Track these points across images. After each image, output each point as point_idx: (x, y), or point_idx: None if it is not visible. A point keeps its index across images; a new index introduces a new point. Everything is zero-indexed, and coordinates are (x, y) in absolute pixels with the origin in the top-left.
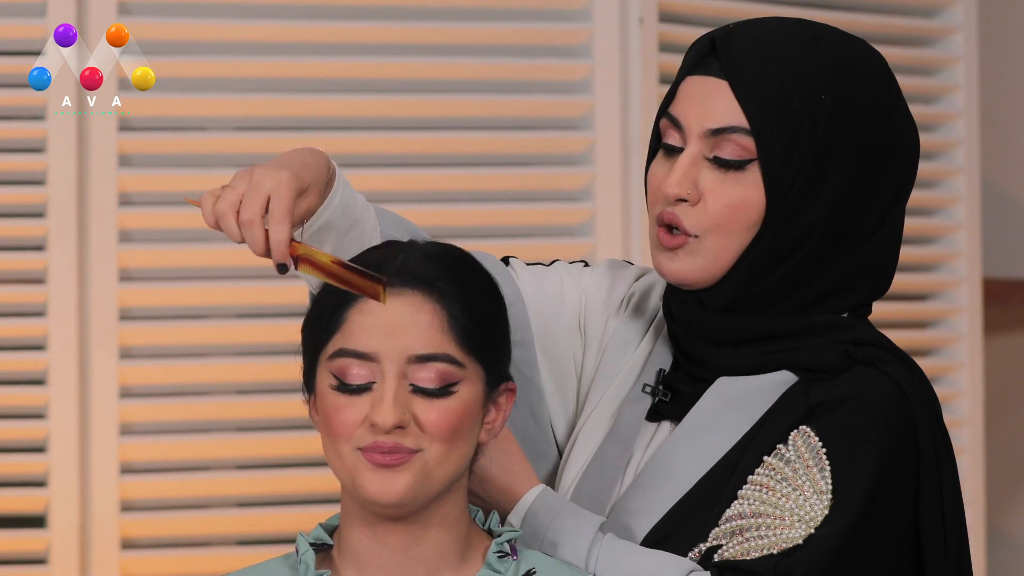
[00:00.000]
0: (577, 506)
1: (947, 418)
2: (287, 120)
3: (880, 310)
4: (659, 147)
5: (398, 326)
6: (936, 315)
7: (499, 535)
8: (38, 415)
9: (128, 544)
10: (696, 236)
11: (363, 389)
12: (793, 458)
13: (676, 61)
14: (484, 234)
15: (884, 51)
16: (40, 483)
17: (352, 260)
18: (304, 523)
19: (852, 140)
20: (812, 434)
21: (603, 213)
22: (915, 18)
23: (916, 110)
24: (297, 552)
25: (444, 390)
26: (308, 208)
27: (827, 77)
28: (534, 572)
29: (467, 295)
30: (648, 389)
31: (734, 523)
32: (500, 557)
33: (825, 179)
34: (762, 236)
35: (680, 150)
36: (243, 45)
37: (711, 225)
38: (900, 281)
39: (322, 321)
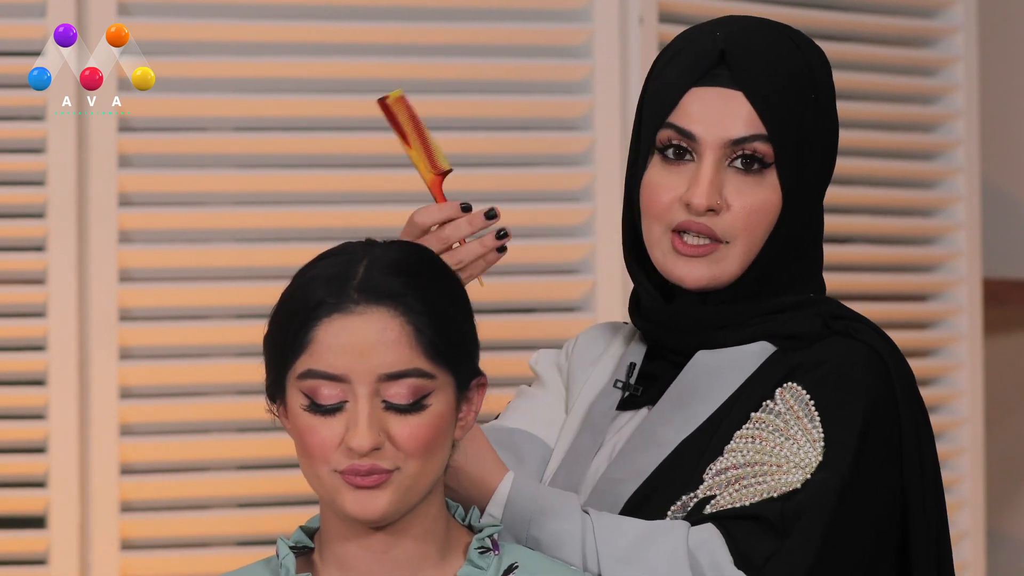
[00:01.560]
0: (550, 487)
1: (947, 418)
2: (287, 120)
3: (880, 310)
4: (651, 154)
5: (366, 345)
6: (936, 315)
7: (480, 530)
8: (38, 416)
9: (128, 545)
10: (726, 242)
11: (335, 409)
12: (783, 410)
13: None
14: None
15: (884, 51)
16: (40, 484)
17: (311, 264)
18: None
19: (828, 136)
20: (799, 388)
21: (603, 213)
22: (915, 18)
23: (916, 110)
24: (277, 555)
25: (417, 404)
26: None
27: (810, 77)
28: (516, 566)
29: (432, 305)
30: (620, 384)
31: (729, 474)
32: (482, 553)
33: (820, 174)
34: (778, 235)
35: (689, 159)
36: (243, 45)
37: (739, 230)
38: (900, 281)
39: (288, 339)
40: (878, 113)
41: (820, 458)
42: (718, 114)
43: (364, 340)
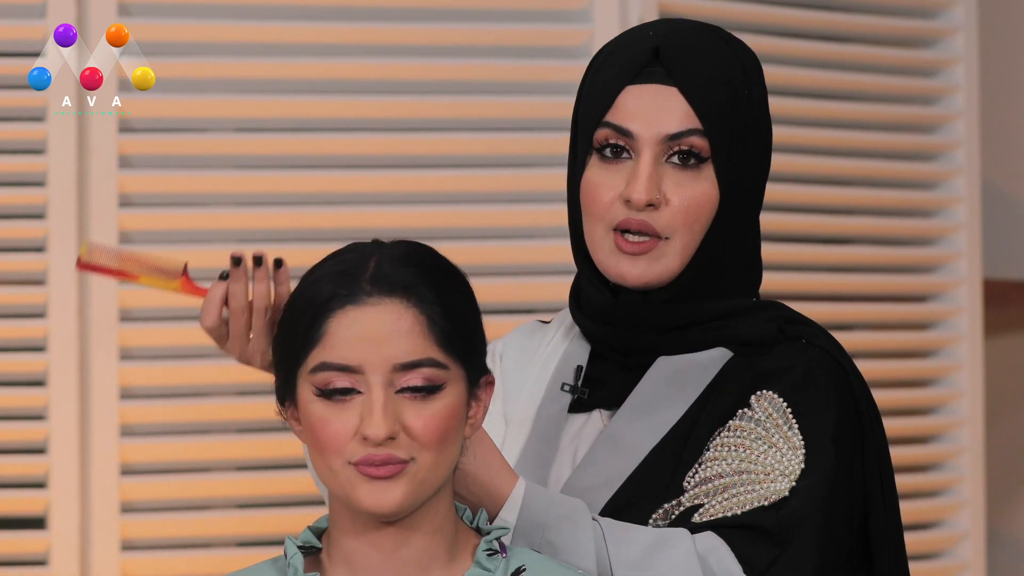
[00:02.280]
0: (561, 494)
1: (947, 419)
2: (287, 121)
3: (881, 311)
4: (589, 154)
5: (380, 335)
6: (936, 316)
7: (488, 533)
8: (38, 416)
9: (128, 545)
10: (666, 238)
11: (348, 393)
12: (763, 418)
13: None
14: (484, 235)
15: (884, 52)
16: (40, 484)
17: (321, 264)
18: (304, 524)
19: (763, 132)
20: (775, 395)
21: None
22: (915, 19)
23: (916, 111)
24: (285, 555)
25: (431, 394)
26: None
27: (742, 75)
28: (523, 569)
29: (443, 296)
30: (567, 387)
31: (716, 482)
32: (490, 555)
33: (758, 168)
34: (716, 230)
35: (627, 157)
36: (243, 46)
37: (679, 225)
38: (900, 282)
39: (299, 335)
40: (878, 114)
41: (802, 465)
42: (654, 110)
43: (378, 330)
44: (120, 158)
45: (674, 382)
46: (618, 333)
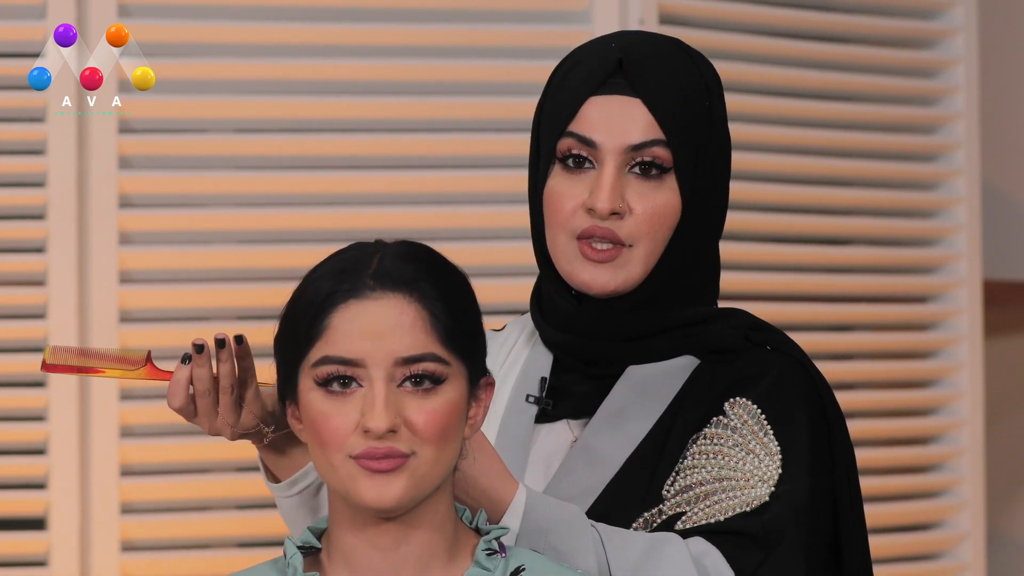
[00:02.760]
0: (559, 500)
1: (947, 420)
2: (287, 122)
3: (880, 312)
4: (552, 163)
5: (382, 329)
6: (936, 317)
7: (487, 533)
8: (38, 417)
9: (128, 546)
10: (630, 246)
11: (351, 382)
12: (738, 425)
13: None
14: (484, 236)
15: (884, 53)
16: (40, 485)
17: (324, 262)
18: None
19: (722, 144)
20: (749, 402)
21: None
22: (915, 20)
23: (916, 112)
24: (285, 556)
25: (432, 390)
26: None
27: (705, 88)
28: (523, 569)
29: (446, 293)
30: (532, 399)
31: (696, 490)
32: (489, 555)
33: (719, 181)
34: (678, 239)
35: (589, 167)
36: (243, 47)
37: (641, 233)
38: (900, 283)
39: (301, 330)
40: (878, 115)
41: (780, 471)
42: (617, 121)
43: (380, 324)
44: (120, 159)
45: (644, 391)
46: (581, 342)
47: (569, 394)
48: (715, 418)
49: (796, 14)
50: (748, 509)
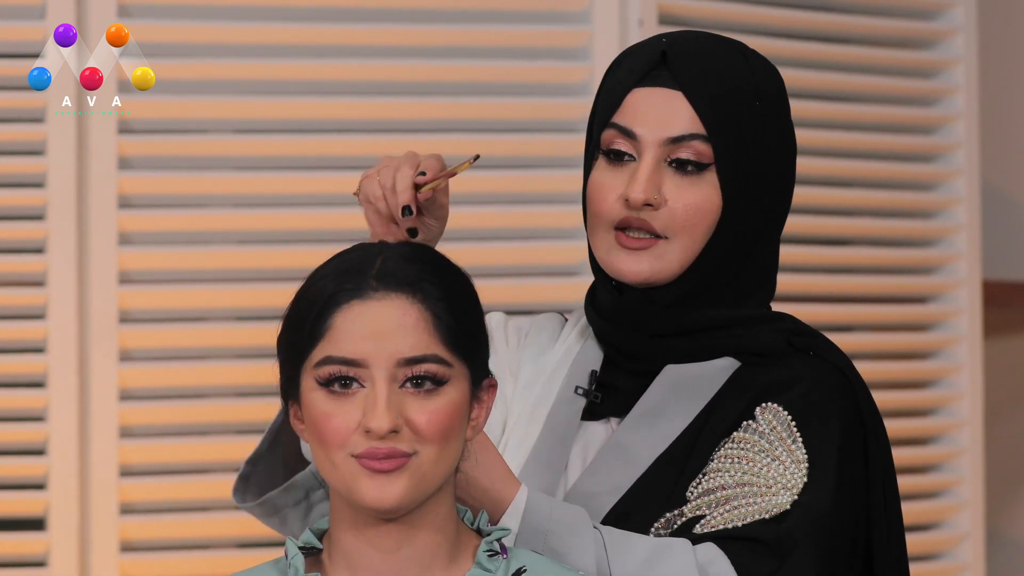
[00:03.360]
0: (562, 502)
1: (947, 420)
2: (287, 122)
3: (880, 312)
4: (599, 155)
5: (385, 330)
6: (936, 317)
7: (488, 534)
8: (38, 417)
9: (128, 547)
10: (666, 238)
11: (352, 382)
12: (767, 431)
13: None
14: (484, 236)
15: (884, 53)
16: (40, 486)
17: (327, 262)
18: None
19: (777, 145)
20: (780, 408)
21: None
22: (915, 20)
23: (916, 112)
24: (286, 556)
25: (434, 391)
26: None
27: (758, 88)
28: (524, 570)
29: (449, 294)
30: (580, 391)
31: (718, 494)
32: (490, 556)
33: (765, 179)
34: (718, 236)
35: (631, 158)
36: (243, 47)
37: (678, 227)
38: (900, 283)
39: (304, 330)
40: (878, 115)
41: (805, 479)
42: (658, 113)
43: (383, 325)
44: (120, 159)
45: (681, 391)
46: (623, 334)
47: (615, 390)
48: (745, 422)
49: (796, 14)
50: (767, 516)
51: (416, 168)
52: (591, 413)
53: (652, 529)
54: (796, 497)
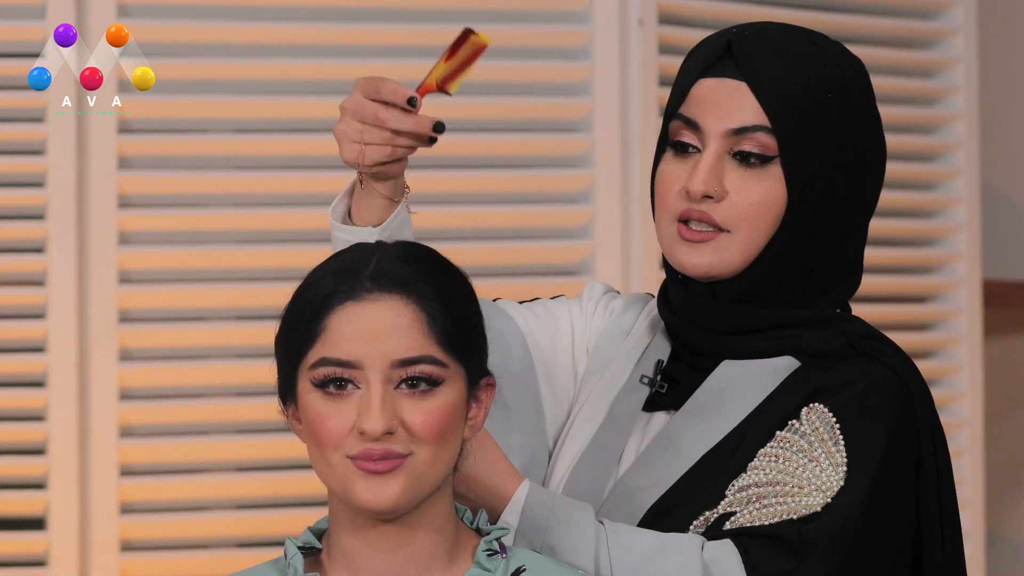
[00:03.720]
0: (564, 496)
1: (947, 420)
2: (286, 122)
3: (880, 312)
4: (667, 147)
5: (379, 331)
6: (936, 317)
7: (488, 533)
8: (38, 417)
9: (128, 546)
10: (727, 231)
11: (348, 384)
12: (808, 431)
13: (676, 63)
14: (484, 236)
15: (884, 53)
16: (40, 485)
17: (324, 262)
18: (303, 525)
19: (854, 137)
20: (826, 410)
21: (603, 215)
22: (915, 20)
23: (916, 112)
24: (285, 556)
25: (429, 392)
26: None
27: (830, 79)
28: (523, 570)
29: (444, 295)
30: (645, 380)
31: (750, 491)
32: (489, 555)
33: (837, 174)
34: (783, 230)
35: (696, 150)
36: (243, 47)
37: (740, 220)
38: (900, 283)
39: (299, 331)
40: None
41: (842, 482)
42: (721, 104)
43: (377, 326)
44: (119, 159)
45: (735, 388)
46: (687, 329)
47: (677, 383)
48: (791, 422)
49: (796, 14)
50: (795, 517)
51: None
52: (654, 404)
53: (692, 526)
54: (829, 500)
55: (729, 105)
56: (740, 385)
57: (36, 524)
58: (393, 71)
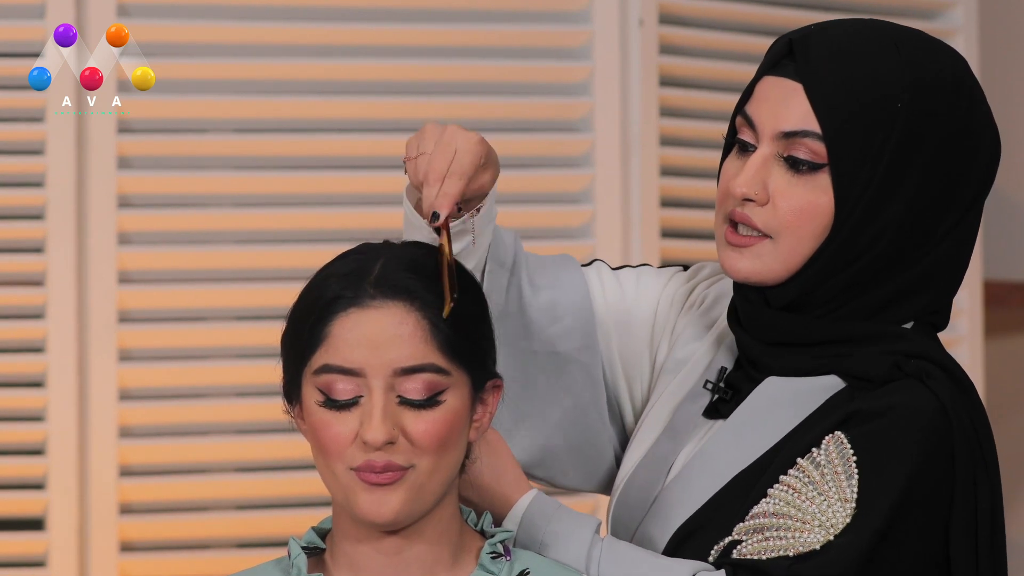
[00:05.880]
0: (571, 509)
1: None
2: (286, 122)
3: None
4: (734, 144)
5: (382, 339)
6: None
7: (492, 536)
8: (37, 417)
9: (127, 547)
10: (770, 237)
11: (351, 404)
12: (824, 463)
13: (676, 62)
14: None
15: None
16: (39, 486)
17: (332, 262)
18: (303, 526)
19: (929, 149)
20: (846, 442)
21: (603, 215)
22: (915, 20)
23: None
24: (289, 556)
25: (431, 400)
26: (482, 184)
27: (904, 85)
28: (527, 572)
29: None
30: (709, 385)
31: (758, 520)
32: (493, 558)
33: (897, 188)
34: (831, 241)
35: (753, 148)
36: (242, 47)
37: (781, 227)
38: None
39: (303, 335)
40: None
41: (848, 520)
42: (776, 104)
43: (380, 334)
44: (119, 159)
45: (776, 406)
46: (743, 336)
47: (737, 392)
48: (812, 450)
49: (796, 14)
50: (791, 554)
51: (450, 161)
52: (716, 411)
53: (712, 551)
54: (831, 538)
55: (783, 107)
56: (780, 403)
57: (35, 525)
58: (393, 71)
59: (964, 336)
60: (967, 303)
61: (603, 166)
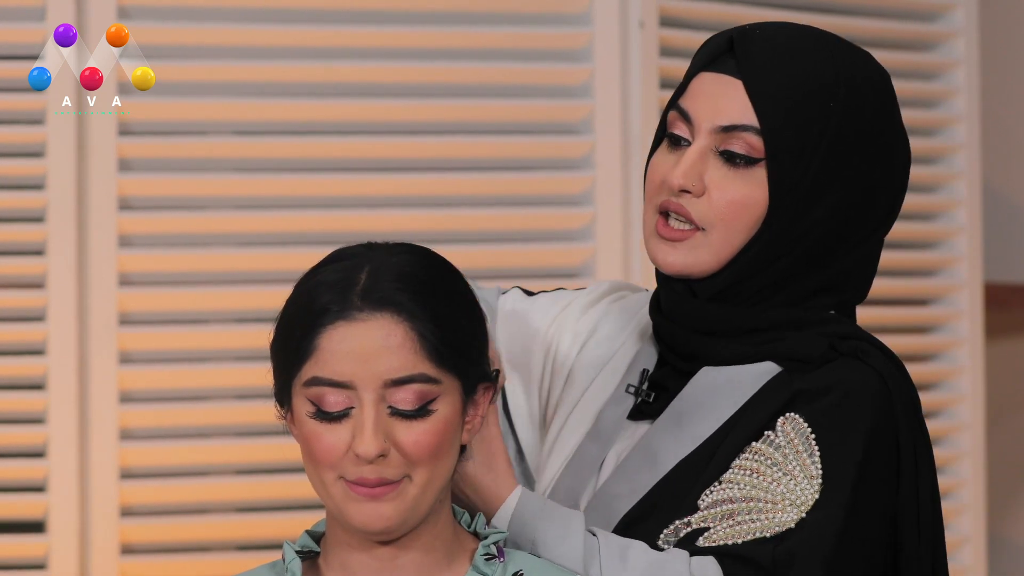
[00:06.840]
0: (557, 504)
1: (948, 423)
2: (287, 124)
3: (882, 314)
4: (664, 138)
5: (371, 351)
6: (937, 320)
7: (485, 537)
8: (37, 420)
9: (127, 549)
10: (703, 229)
11: (342, 416)
12: (783, 444)
13: (676, 65)
14: (484, 239)
15: (885, 55)
16: (39, 488)
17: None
18: (303, 528)
19: (856, 150)
20: (800, 420)
21: (603, 217)
22: (916, 22)
23: (917, 114)
24: (283, 560)
25: (423, 410)
26: None
27: (837, 86)
28: (521, 573)
29: (435, 310)
30: (631, 389)
31: (724, 507)
32: (487, 560)
33: (829, 184)
34: (762, 234)
35: (687, 143)
36: (243, 49)
37: (716, 219)
38: (901, 286)
39: (292, 346)
40: None
41: (817, 496)
42: (714, 99)
43: (368, 346)
44: (120, 161)
45: (713, 394)
46: (669, 329)
47: (664, 390)
48: (766, 433)
49: (796, 16)
50: (768, 535)
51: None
52: (640, 413)
53: (661, 535)
54: (804, 515)
55: (721, 101)
56: (718, 392)
57: (36, 527)
58: (393, 73)
59: (965, 339)
60: (968, 305)
61: (603, 168)
